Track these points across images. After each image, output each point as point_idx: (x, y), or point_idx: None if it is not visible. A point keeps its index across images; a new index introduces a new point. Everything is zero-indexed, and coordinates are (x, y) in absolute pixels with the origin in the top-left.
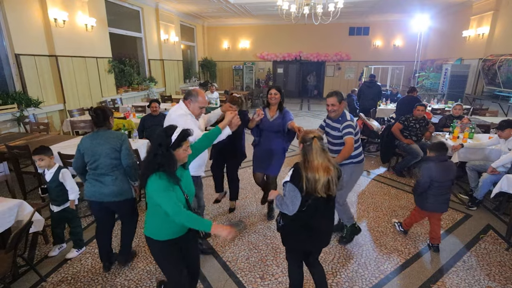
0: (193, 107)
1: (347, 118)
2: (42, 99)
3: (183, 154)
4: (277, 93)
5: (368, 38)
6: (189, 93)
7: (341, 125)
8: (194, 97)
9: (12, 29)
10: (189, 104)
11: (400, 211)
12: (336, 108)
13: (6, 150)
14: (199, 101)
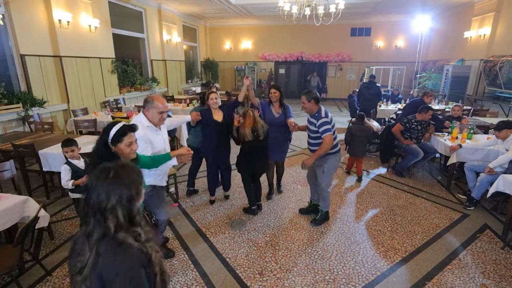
0: (151, 114)
1: (322, 114)
2: (47, 99)
3: (126, 149)
4: (276, 92)
5: (369, 39)
6: (145, 101)
7: (317, 121)
8: (150, 104)
9: (18, 30)
10: (147, 112)
11: (398, 210)
12: (306, 105)
13: (12, 149)
14: (156, 106)
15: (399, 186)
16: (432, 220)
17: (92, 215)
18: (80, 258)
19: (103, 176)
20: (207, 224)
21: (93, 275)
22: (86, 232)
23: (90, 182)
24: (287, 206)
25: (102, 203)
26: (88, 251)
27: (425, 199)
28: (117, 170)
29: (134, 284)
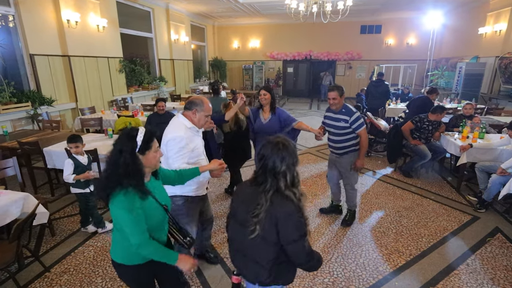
0: (199, 118)
1: (354, 110)
2: (55, 98)
3: (153, 158)
4: (267, 93)
5: (380, 36)
6: (192, 103)
7: (349, 118)
8: (199, 106)
9: (27, 30)
10: (194, 115)
11: (404, 212)
12: (337, 101)
13: (18, 146)
14: (205, 109)
15: (406, 187)
16: (440, 222)
17: (269, 176)
18: (258, 206)
19: (277, 148)
20: None
21: (268, 217)
22: (264, 189)
23: (265, 152)
24: None
25: (277, 168)
26: (264, 202)
27: (433, 201)
28: (284, 143)
29: (294, 224)
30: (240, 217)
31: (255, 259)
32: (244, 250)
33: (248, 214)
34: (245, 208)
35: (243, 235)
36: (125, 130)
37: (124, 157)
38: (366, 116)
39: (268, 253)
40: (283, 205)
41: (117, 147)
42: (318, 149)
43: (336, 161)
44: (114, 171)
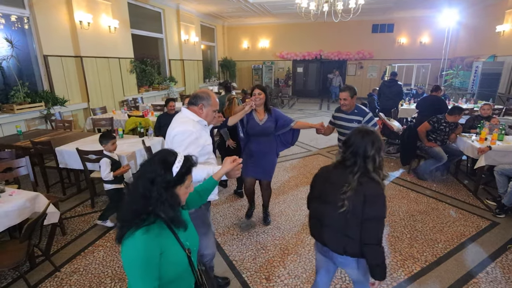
0: (207, 113)
1: (366, 110)
2: (68, 98)
3: (184, 194)
4: (261, 93)
5: (392, 35)
6: (198, 97)
7: (363, 118)
8: (206, 100)
9: (41, 31)
10: (201, 110)
11: (418, 216)
12: (348, 102)
13: (31, 146)
14: (213, 104)
15: (420, 190)
16: (457, 227)
17: (359, 160)
18: (346, 185)
19: (367, 135)
20: (216, 224)
21: (356, 195)
22: (353, 171)
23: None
24: (299, 208)
25: (367, 152)
26: (353, 182)
27: (449, 205)
28: (373, 131)
29: (378, 204)
30: (328, 196)
31: (345, 233)
32: (334, 224)
33: (338, 192)
34: (333, 187)
35: (333, 211)
36: (160, 155)
37: (157, 190)
38: (379, 116)
39: (358, 227)
40: (371, 186)
41: (147, 175)
42: (329, 150)
43: None
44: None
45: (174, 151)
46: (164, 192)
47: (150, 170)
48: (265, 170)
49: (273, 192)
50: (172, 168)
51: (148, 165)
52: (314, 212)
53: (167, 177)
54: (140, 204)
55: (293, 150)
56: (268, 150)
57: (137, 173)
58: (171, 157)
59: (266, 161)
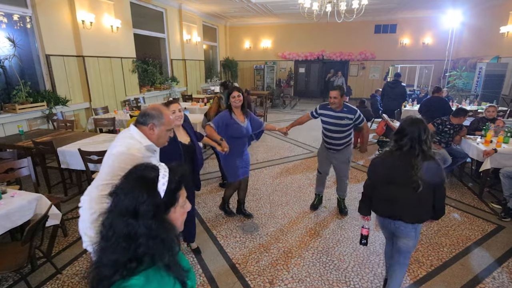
0: (159, 133)
1: (354, 107)
2: (70, 98)
3: (181, 216)
4: (240, 95)
5: (395, 36)
6: (148, 115)
7: (354, 115)
8: (157, 119)
9: (43, 31)
10: (152, 130)
11: None
12: (337, 100)
13: (33, 146)
14: (166, 122)
15: None
16: (462, 231)
17: (416, 144)
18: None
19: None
20: (218, 226)
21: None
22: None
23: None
24: (302, 210)
25: (421, 137)
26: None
27: (454, 208)
28: (422, 120)
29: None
30: (396, 179)
31: (421, 205)
32: (409, 201)
33: (405, 175)
34: (399, 171)
35: (408, 192)
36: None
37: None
38: (381, 118)
39: (430, 199)
40: (431, 162)
41: (124, 208)
42: None
43: (332, 156)
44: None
45: (152, 164)
46: (153, 223)
47: (127, 199)
48: (248, 167)
49: (276, 194)
50: (158, 187)
51: (122, 192)
52: (383, 194)
53: (153, 200)
54: (123, 250)
55: (295, 151)
56: (247, 150)
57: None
58: (151, 173)
59: (248, 157)
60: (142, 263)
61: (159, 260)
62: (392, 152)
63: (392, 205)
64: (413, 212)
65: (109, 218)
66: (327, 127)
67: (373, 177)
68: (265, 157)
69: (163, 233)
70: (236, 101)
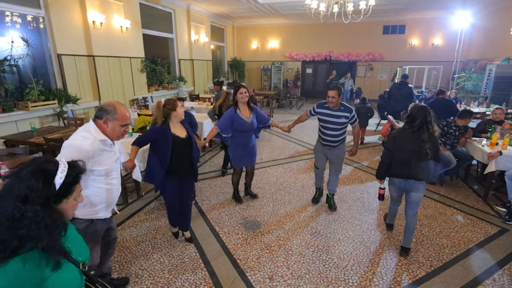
0: (112, 128)
1: (350, 106)
2: (80, 96)
3: (72, 208)
4: (247, 92)
5: (403, 37)
6: (103, 110)
7: (350, 114)
8: (111, 114)
9: (56, 31)
10: (106, 124)
11: (425, 221)
12: (335, 100)
13: (44, 142)
14: (119, 118)
15: (428, 194)
16: (464, 233)
17: (424, 125)
18: (425, 140)
19: (426, 109)
20: (221, 223)
21: (429, 143)
22: (423, 132)
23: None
24: (304, 209)
25: (427, 119)
26: (426, 138)
27: (458, 210)
28: (426, 106)
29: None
30: (410, 148)
31: (428, 167)
32: (422, 162)
33: (416, 145)
34: (412, 143)
35: (419, 157)
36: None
37: (32, 211)
38: (387, 119)
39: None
40: (433, 137)
41: (15, 192)
42: None
43: (328, 152)
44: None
45: (53, 158)
46: (40, 210)
47: (21, 185)
48: (253, 157)
49: (279, 193)
50: (55, 180)
51: (17, 178)
52: (400, 160)
53: (46, 191)
54: (4, 229)
55: (300, 151)
56: (254, 141)
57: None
58: (50, 165)
59: (254, 150)
60: (24, 244)
61: (37, 243)
62: (404, 130)
63: (407, 168)
64: (424, 171)
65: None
66: (324, 125)
67: (391, 148)
68: (270, 156)
69: (48, 220)
70: (243, 96)
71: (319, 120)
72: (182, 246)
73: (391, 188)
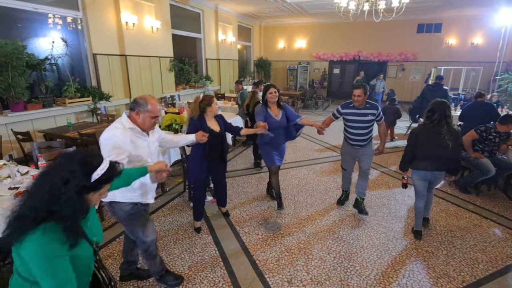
0: (143, 119)
1: (375, 103)
2: (112, 94)
3: (96, 200)
4: (276, 92)
5: (439, 36)
6: (136, 102)
7: (377, 111)
8: (142, 106)
9: (92, 32)
10: (138, 116)
11: (458, 232)
12: (361, 98)
13: (78, 137)
14: (150, 110)
15: (462, 204)
16: (502, 248)
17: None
18: (444, 133)
19: (446, 104)
20: (242, 222)
21: (449, 136)
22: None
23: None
24: (327, 213)
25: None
26: (445, 131)
27: (495, 223)
28: (446, 101)
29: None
30: (432, 141)
31: (451, 157)
32: (443, 156)
33: (437, 138)
34: (433, 136)
35: (441, 148)
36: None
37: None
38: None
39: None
40: (453, 129)
41: (61, 173)
42: None
43: (357, 152)
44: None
45: (100, 154)
46: (74, 196)
47: (67, 168)
48: (282, 157)
49: (301, 195)
50: (93, 174)
51: (67, 162)
52: (423, 153)
53: (83, 182)
54: (43, 201)
55: (324, 153)
56: (284, 140)
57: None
58: (95, 160)
59: (283, 149)
60: (50, 217)
61: (61, 221)
62: (425, 125)
63: (430, 160)
64: (446, 162)
65: (46, 174)
66: (352, 124)
67: (413, 143)
68: (293, 157)
69: (77, 206)
70: (273, 96)
71: (345, 121)
72: (202, 243)
73: (417, 181)
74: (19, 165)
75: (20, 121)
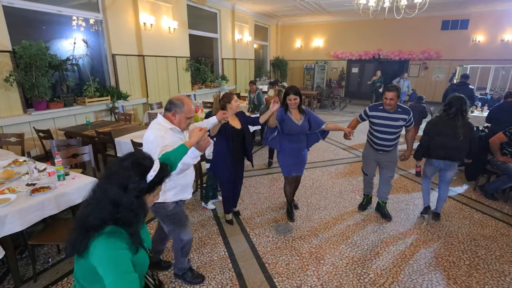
0: (179, 120)
1: (407, 107)
2: (130, 93)
3: (150, 202)
4: (297, 98)
5: (466, 33)
6: (172, 103)
7: (408, 116)
8: (179, 107)
9: (111, 33)
10: (174, 116)
11: (483, 241)
12: (394, 102)
13: (96, 135)
14: (185, 111)
15: (488, 211)
16: None
17: (459, 112)
18: (458, 125)
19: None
20: (252, 224)
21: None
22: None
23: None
24: (341, 217)
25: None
26: (460, 124)
27: None
28: (461, 95)
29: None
30: (448, 132)
31: (463, 148)
32: (456, 146)
33: (452, 129)
34: (449, 127)
35: (454, 140)
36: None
37: (129, 198)
38: None
39: (467, 146)
40: (467, 123)
41: (119, 180)
42: None
43: (380, 157)
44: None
45: (149, 155)
46: (135, 200)
47: (123, 174)
48: (303, 165)
49: (314, 198)
50: (147, 176)
51: (120, 168)
52: (438, 143)
53: (141, 184)
54: (108, 211)
55: (340, 155)
56: (305, 146)
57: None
58: (147, 162)
59: (304, 157)
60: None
61: (127, 227)
62: (441, 117)
63: (444, 150)
64: (459, 152)
65: (104, 184)
66: (379, 128)
67: (429, 133)
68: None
69: (138, 209)
70: (292, 103)
71: (371, 124)
72: (212, 244)
73: (428, 167)
74: (36, 162)
75: (43, 119)
